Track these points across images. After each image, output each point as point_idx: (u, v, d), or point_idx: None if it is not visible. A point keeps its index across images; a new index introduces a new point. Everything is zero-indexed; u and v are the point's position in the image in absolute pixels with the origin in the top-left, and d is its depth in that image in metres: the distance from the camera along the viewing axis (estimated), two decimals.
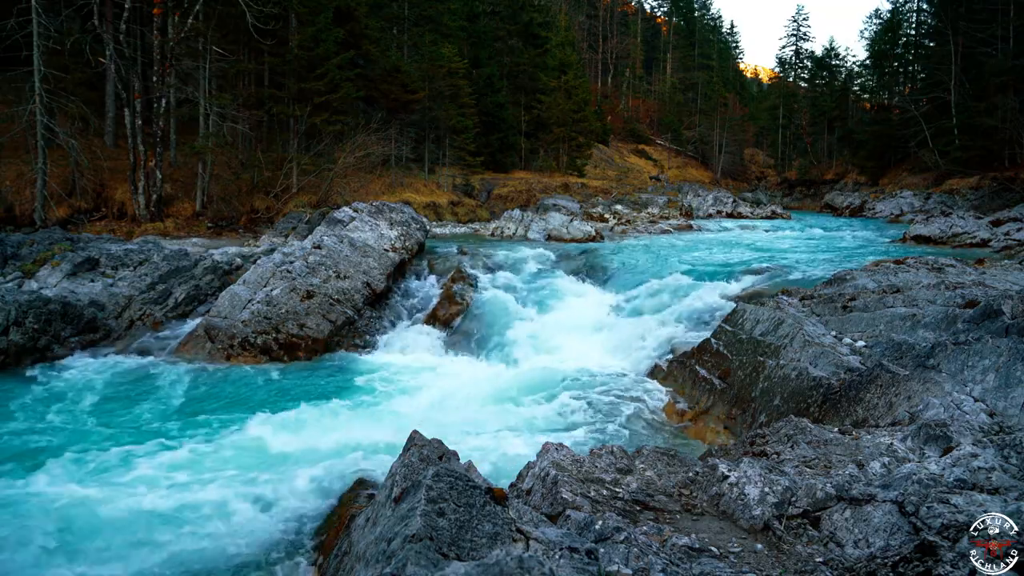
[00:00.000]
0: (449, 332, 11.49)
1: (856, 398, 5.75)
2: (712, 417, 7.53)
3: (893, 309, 7.55)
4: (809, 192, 51.25)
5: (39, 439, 6.89)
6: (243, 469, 6.15)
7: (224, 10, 21.29)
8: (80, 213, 18.08)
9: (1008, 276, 9.08)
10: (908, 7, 51.27)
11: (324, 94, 23.34)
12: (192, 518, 5.23)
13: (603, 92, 66.24)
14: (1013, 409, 4.69)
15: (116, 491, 5.64)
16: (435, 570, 2.85)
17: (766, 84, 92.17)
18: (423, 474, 3.59)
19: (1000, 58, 33.92)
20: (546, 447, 4.50)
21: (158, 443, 6.83)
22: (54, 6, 19.23)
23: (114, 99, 20.92)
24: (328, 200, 22.64)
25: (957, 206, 29.85)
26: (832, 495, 3.78)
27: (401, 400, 8.32)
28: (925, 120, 38.25)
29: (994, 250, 15.94)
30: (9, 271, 11.42)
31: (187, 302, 11.50)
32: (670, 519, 3.82)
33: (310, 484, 5.78)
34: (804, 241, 20.68)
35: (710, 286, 11.81)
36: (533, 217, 21.87)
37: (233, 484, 5.80)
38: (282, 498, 5.56)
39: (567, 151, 41.93)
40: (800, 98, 62.02)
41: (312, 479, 5.86)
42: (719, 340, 8.32)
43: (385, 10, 34.04)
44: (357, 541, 3.99)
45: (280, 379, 9.19)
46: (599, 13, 73.24)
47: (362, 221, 13.51)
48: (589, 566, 3.00)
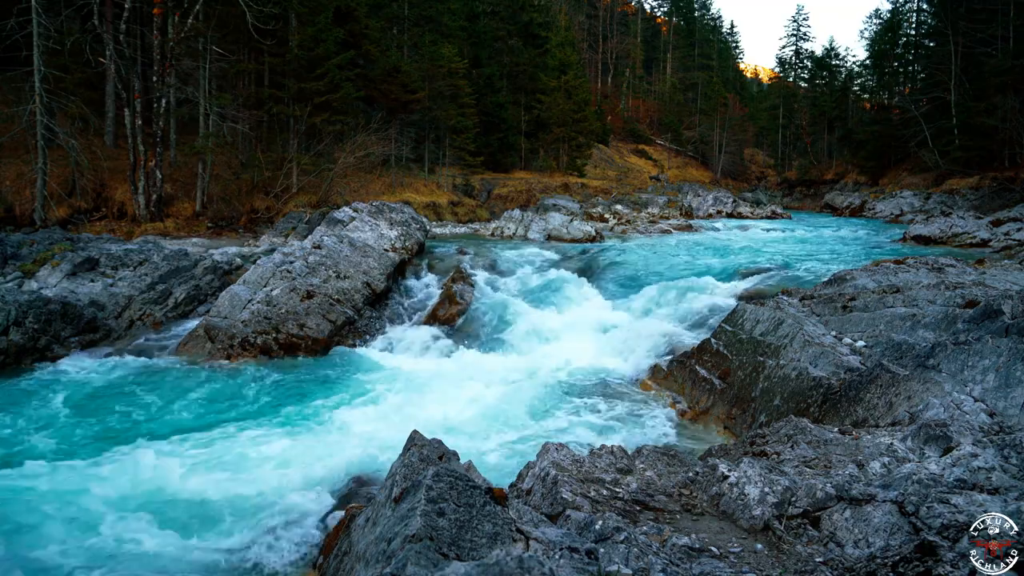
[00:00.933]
0: (449, 332, 11.49)
1: (856, 398, 5.75)
2: (712, 417, 7.53)
3: (893, 309, 7.55)
4: (809, 192, 51.24)
5: (39, 439, 6.88)
6: (243, 469, 6.15)
7: (224, 10, 21.29)
8: (80, 213, 18.08)
9: (1008, 276, 9.08)
10: (908, 7, 51.31)
11: (324, 94, 23.34)
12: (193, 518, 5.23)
13: (603, 92, 66.23)
14: (1013, 409, 4.69)
15: (116, 491, 5.64)
16: (435, 570, 2.85)
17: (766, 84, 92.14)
18: (423, 474, 3.59)
19: (1000, 58, 33.90)
20: (546, 447, 4.50)
21: (157, 443, 6.82)
22: (54, 6, 19.23)
23: (114, 99, 20.91)
24: (328, 200, 22.64)
25: (957, 206, 29.86)
26: (832, 495, 3.78)
27: (401, 400, 8.32)
28: (925, 120, 38.24)
29: (994, 250, 15.94)
30: (9, 271, 11.42)
31: (187, 302, 11.50)
32: (670, 519, 3.82)
33: (310, 484, 5.78)
34: (804, 241, 20.68)
35: (710, 286, 11.81)
36: (533, 217, 21.87)
37: (233, 484, 5.80)
38: (281, 498, 5.56)
39: (567, 151, 41.94)
40: (800, 98, 61.99)
41: (312, 479, 5.86)
42: (719, 340, 8.32)
43: (385, 10, 34.04)
44: (357, 541, 3.99)
45: (280, 379, 9.19)
46: (599, 13, 73.22)
47: (362, 221, 13.51)
48: (589, 566, 3.00)
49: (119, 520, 5.15)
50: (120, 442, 6.87)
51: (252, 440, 6.94)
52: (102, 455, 6.50)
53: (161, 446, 6.76)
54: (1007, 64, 32.64)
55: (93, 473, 6.08)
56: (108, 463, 6.31)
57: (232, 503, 5.45)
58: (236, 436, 7.06)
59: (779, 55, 68.72)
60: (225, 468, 6.17)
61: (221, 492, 5.63)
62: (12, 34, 16.62)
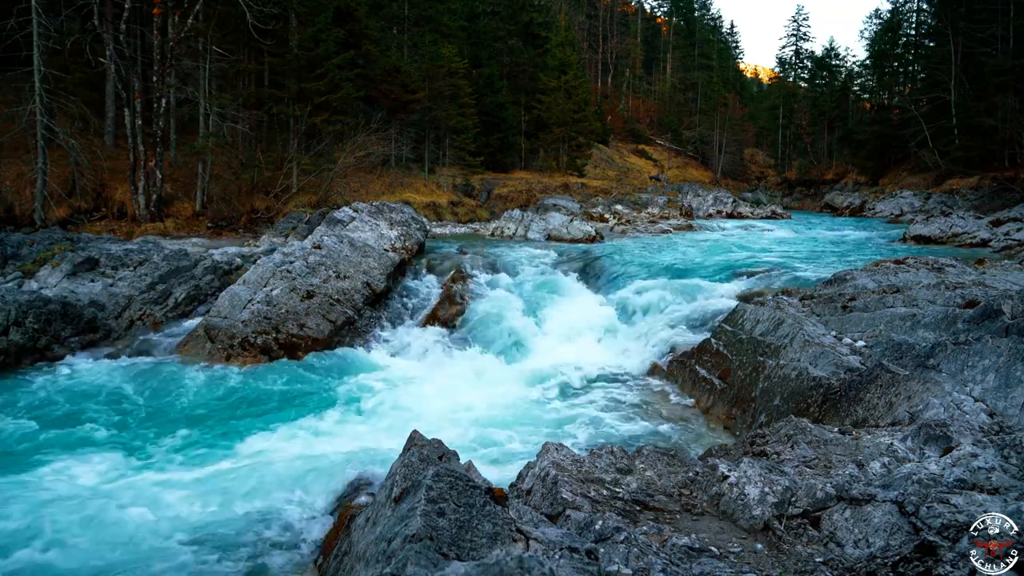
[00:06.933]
0: (449, 332, 11.48)
1: (856, 398, 5.75)
2: (712, 417, 7.53)
3: (893, 309, 7.55)
4: (809, 192, 51.24)
5: (38, 439, 6.88)
6: (243, 469, 6.14)
7: (224, 10, 21.30)
8: (80, 213, 18.08)
9: (1008, 276, 9.09)
10: (908, 7, 51.30)
11: (324, 94, 23.34)
12: (192, 519, 5.23)
13: (603, 92, 66.21)
14: (1013, 409, 4.69)
15: (115, 490, 5.64)
16: (435, 570, 2.85)
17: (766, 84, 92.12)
18: (423, 474, 3.59)
19: (1000, 58, 33.90)
20: (546, 447, 4.50)
21: (156, 443, 6.83)
22: (54, 6, 19.24)
23: (114, 99, 20.91)
24: (328, 200, 22.64)
25: (957, 206, 29.87)
26: (832, 495, 3.78)
27: (401, 400, 8.31)
28: (925, 120, 38.23)
29: (994, 250, 15.93)
30: (9, 271, 11.42)
31: (187, 302, 11.49)
32: (670, 519, 3.82)
33: (310, 484, 5.78)
34: (804, 241, 20.68)
35: (710, 286, 11.81)
36: (533, 217, 21.87)
37: (233, 484, 5.80)
38: (281, 498, 5.56)
39: (567, 151, 41.93)
40: (800, 98, 61.98)
41: (312, 479, 5.86)
42: (719, 340, 8.32)
43: (385, 10, 34.04)
44: (357, 541, 3.99)
45: (280, 379, 9.19)
46: (599, 13, 73.21)
47: (362, 221, 13.51)
48: (589, 566, 3.00)
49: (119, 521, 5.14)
50: (120, 443, 6.87)
51: (252, 440, 6.94)
52: (102, 456, 6.50)
53: (161, 447, 6.77)
54: (1007, 64, 32.65)
55: (92, 474, 6.08)
56: (108, 464, 6.31)
57: (232, 503, 5.45)
58: (236, 436, 7.06)
59: (779, 55, 68.83)
60: (225, 468, 6.17)
61: (221, 492, 5.63)
62: (12, 34, 16.62)
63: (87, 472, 6.10)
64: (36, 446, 6.72)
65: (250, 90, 24.55)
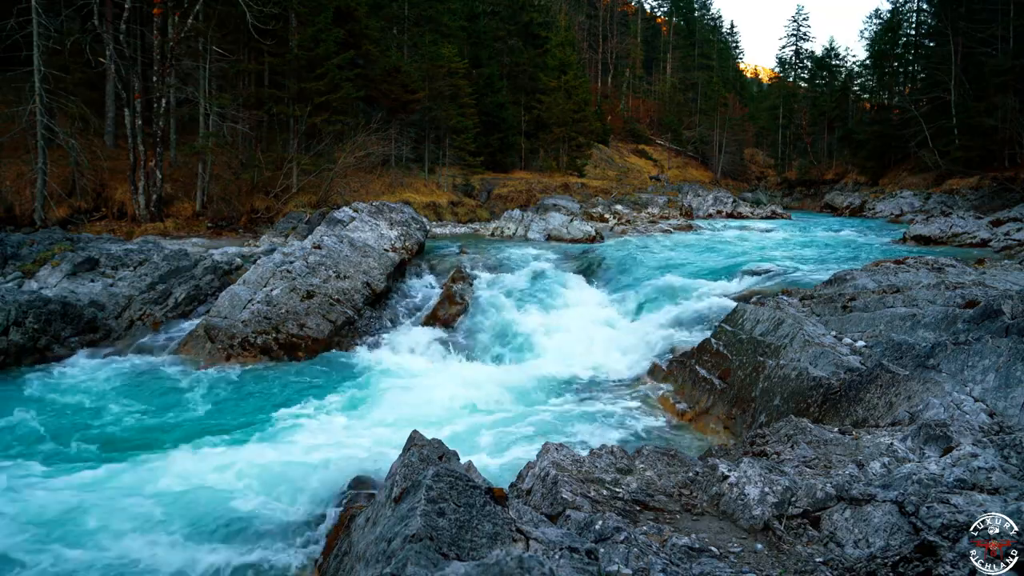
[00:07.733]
0: (449, 332, 11.48)
1: (856, 398, 5.75)
2: (712, 417, 7.53)
3: (893, 309, 7.55)
4: (809, 192, 51.23)
5: (38, 439, 6.88)
6: (243, 469, 6.14)
7: (224, 10, 21.29)
8: (80, 213, 18.08)
9: (1008, 276, 9.08)
10: (908, 7, 51.29)
11: (324, 94, 23.34)
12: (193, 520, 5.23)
13: (603, 92, 66.21)
14: (1013, 409, 4.68)
15: (114, 490, 5.64)
16: (435, 570, 2.85)
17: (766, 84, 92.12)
18: (423, 474, 3.59)
19: (1000, 58, 33.89)
20: (546, 447, 4.50)
21: (156, 443, 6.82)
22: (54, 6, 19.24)
23: (114, 99, 20.91)
24: (328, 200, 22.64)
25: (957, 206, 29.86)
26: (832, 495, 3.78)
27: (401, 400, 8.31)
28: (925, 120, 38.23)
29: (994, 250, 15.93)
30: (9, 271, 11.42)
31: (187, 302, 11.49)
32: (670, 519, 3.82)
33: (310, 484, 5.78)
34: (804, 241, 20.67)
35: (710, 286, 11.81)
36: (533, 217, 21.87)
37: (233, 484, 5.80)
38: (281, 498, 5.56)
39: (567, 151, 41.92)
40: (800, 98, 61.98)
41: (312, 479, 5.86)
42: (719, 340, 8.32)
43: (385, 10, 34.04)
44: (357, 541, 3.99)
45: (280, 379, 9.19)
46: (599, 13, 73.20)
47: (362, 221, 13.51)
48: (589, 566, 3.00)
49: (119, 523, 5.14)
50: (120, 444, 6.87)
51: (252, 440, 6.94)
52: (101, 457, 6.50)
53: (161, 447, 6.76)
54: (1007, 64, 32.65)
55: (92, 475, 6.08)
56: (107, 465, 6.31)
57: (232, 504, 5.45)
58: (236, 436, 7.06)
59: (779, 55, 68.83)
60: (225, 468, 6.17)
61: (221, 493, 5.63)
62: (12, 34, 16.62)
63: (87, 472, 6.10)
64: (36, 446, 6.72)
65: (250, 90, 24.55)
